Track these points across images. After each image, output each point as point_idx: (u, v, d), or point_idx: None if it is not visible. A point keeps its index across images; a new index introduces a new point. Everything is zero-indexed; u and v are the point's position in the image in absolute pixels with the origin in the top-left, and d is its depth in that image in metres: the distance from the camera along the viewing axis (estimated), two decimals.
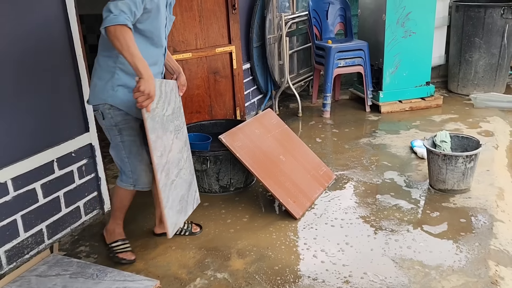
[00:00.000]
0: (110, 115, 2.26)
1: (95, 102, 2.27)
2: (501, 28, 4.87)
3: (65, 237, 2.71)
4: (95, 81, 2.27)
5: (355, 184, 3.27)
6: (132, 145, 2.34)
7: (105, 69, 2.23)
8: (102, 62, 2.24)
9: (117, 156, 2.40)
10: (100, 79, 2.24)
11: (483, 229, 2.64)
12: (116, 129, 2.30)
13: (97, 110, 2.30)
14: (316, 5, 4.92)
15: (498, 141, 3.89)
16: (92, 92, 2.29)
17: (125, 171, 2.40)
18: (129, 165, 2.38)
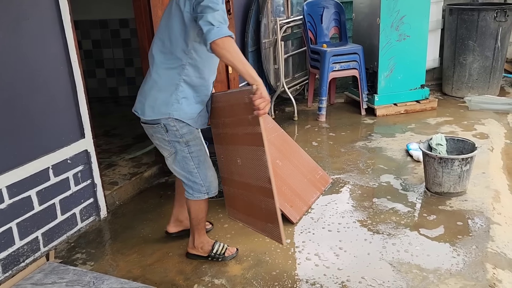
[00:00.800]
0: (175, 128, 2.19)
1: (156, 116, 2.17)
2: (495, 31, 4.91)
3: (61, 244, 2.69)
4: (155, 94, 2.17)
5: (352, 188, 3.27)
6: (200, 155, 2.30)
7: (169, 82, 2.15)
8: (164, 74, 2.15)
9: (184, 168, 2.30)
10: (161, 91, 2.16)
11: (480, 232, 2.65)
12: (183, 142, 2.24)
13: (158, 123, 2.20)
14: (311, 9, 4.93)
15: (493, 143, 3.91)
16: (152, 106, 2.17)
17: (195, 181, 2.32)
18: (199, 175, 2.31)
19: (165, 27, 2.15)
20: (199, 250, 2.51)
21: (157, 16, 3.24)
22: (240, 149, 2.24)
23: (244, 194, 2.34)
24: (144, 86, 2.25)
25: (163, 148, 2.31)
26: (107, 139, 4.29)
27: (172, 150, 2.28)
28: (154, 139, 2.31)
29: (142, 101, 2.23)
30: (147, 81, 2.23)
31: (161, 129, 2.21)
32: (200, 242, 2.50)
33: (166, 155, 2.33)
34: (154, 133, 2.26)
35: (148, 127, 2.28)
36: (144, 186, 3.43)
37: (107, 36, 5.66)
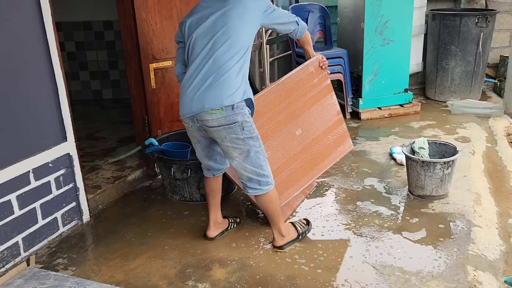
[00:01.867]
0: (250, 124, 2.33)
1: (240, 98, 2.27)
2: (476, 37, 4.99)
3: (42, 249, 2.65)
4: (235, 82, 2.27)
5: (336, 191, 3.29)
6: (264, 149, 2.44)
7: (240, 74, 2.30)
8: (236, 67, 2.29)
9: (255, 164, 2.39)
10: (235, 83, 2.28)
11: (461, 234, 2.68)
12: (255, 137, 2.36)
13: (235, 123, 2.27)
14: (296, 13, 4.88)
15: (475, 147, 3.97)
16: (232, 95, 2.26)
17: (264, 174, 2.42)
18: (266, 168, 2.43)
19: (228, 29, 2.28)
20: (288, 237, 2.59)
21: (141, 18, 3.23)
22: (301, 118, 2.80)
23: (303, 158, 2.81)
24: (212, 81, 2.27)
25: (235, 148, 2.35)
26: (91, 142, 4.24)
27: (246, 148, 2.34)
28: (225, 142, 2.35)
29: (224, 90, 2.26)
30: (215, 75, 2.27)
31: (237, 127, 2.29)
32: (286, 229, 2.60)
33: (236, 155, 2.37)
34: (229, 134, 2.31)
35: (221, 129, 2.30)
36: (128, 190, 3.40)
37: (91, 38, 5.61)
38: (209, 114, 2.27)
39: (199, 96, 2.29)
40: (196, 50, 2.35)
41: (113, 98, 5.79)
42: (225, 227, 2.78)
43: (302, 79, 2.81)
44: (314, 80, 2.83)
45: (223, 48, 2.28)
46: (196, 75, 2.32)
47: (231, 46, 2.28)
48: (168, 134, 3.46)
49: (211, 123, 2.30)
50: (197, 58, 2.34)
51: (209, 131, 2.36)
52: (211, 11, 2.33)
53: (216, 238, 2.72)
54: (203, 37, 2.33)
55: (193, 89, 2.32)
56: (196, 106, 2.30)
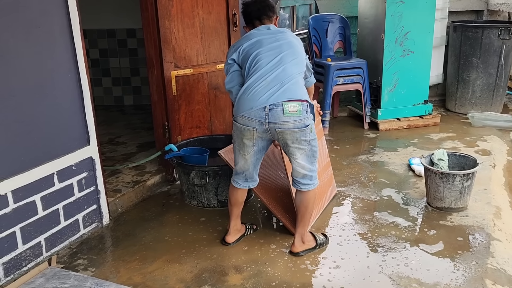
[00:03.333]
0: (313, 126, 2.50)
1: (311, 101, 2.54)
2: (498, 49, 4.94)
3: (63, 249, 2.72)
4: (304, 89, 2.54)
5: (353, 201, 3.28)
6: None
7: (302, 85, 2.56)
8: (302, 82, 2.58)
9: (311, 162, 2.54)
10: (304, 90, 2.55)
11: (480, 247, 2.65)
12: (316, 139, 2.54)
13: (308, 125, 2.44)
14: (316, 23, 4.99)
15: (495, 160, 3.92)
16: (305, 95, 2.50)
17: (315, 170, 2.58)
18: (316, 164, 2.59)
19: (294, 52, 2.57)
20: (307, 245, 2.66)
21: (164, 27, 3.30)
22: None
23: None
24: (291, 86, 2.46)
25: (300, 149, 2.48)
26: (111, 147, 4.32)
27: (308, 149, 2.49)
28: (295, 144, 2.46)
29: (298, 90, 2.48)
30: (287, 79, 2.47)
31: (308, 130, 2.45)
32: (307, 236, 2.68)
33: (299, 156, 2.50)
34: (301, 136, 2.44)
35: (296, 131, 2.42)
36: (147, 194, 3.46)
37: (114, 46, 5.73)
38: (287, 116, 2.39)
39: (275, 92, 2.43)
40: (263, 61, 2.51)
41: (134, 104, 5.89)
42: (242, 233, 2.82)
43: None
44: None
45: (292, 63, 2.52)
46: (264, 78, 2.47)
47: (297, 64, 2.55)
48: (187, 140, 3.51)
49: (288, 125, 2.41)
50: (265, 66, 2.50)
51: (282, 133, 2.44)
52: (271, 37, 2.59)
53: (234, 243, 2.75)
54: (270, 52, 2.53)
55: (264, 88, 2.45)
56: (274, 98, 2.41)
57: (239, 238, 2.78)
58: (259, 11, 2.70)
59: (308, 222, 2.67)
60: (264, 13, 2.70)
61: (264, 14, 2.70)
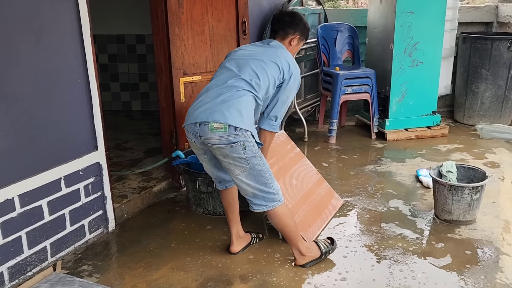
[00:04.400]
0: (252, 143, 2.34)
1: (245, 126, 2.30)
2: (508, 61, 4.92)
3: (68, 255, 2.71)
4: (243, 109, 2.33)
5: (360, 212, 3.26)
6: (269, 166, 2.46)
7: (250, 104, 2.38)
8: (247, 97, 2.37)
9: (259, 181, 2.40)
10: (248, 110, 2.36)
11: (488, 262, 2.62)
12: (259, 156, 2.38)
13: (237, 142, 2.30)
14: (325, 32, 4.99)
15: (504, 172, 3.88)
16: (243, 118, 2.32)
17: (269, 192, 2.43)
18: (272, 186, 2.44)
19: (264, 67, 2.43)
20: (310, 256, 2.58)
21: (174, 33, 3.31)
22: (291, 172, 3.13)
23: (308, 202, 3.05)
24: (232, 98, 2.34)
25: (237, 166, 2.37)
26: (118, 152, 4.33)
27: (248, 167, 2.36)
28: (227, 159, 2.37)
29: (229, 110, 2.30)
30: (235, 94, 2.35)
31: (239, 147, 2.31)
32: (306, 248, 2.58)
33: (239, 173, 2.39)
34: (231, 153, 2.33)
35: (223, 148, 2.33)
36: (153, 201, 3.45)
37: (123, 51, 5.77)
38: (212, 132, 2.30)
39: (208, 109, 2.35)
40: (220, 72, 2.50)
41: (141, 110, 5.91)
42: (248, 242, 2.79)
43: (279, 144, 3.24)
44: (288, 146, 3.33)
45: (247, 79, 2.40)
46: (207, 92, 2.43)
47: (257, 85, 2.40)
48: None
49: (214, 141, 2.32)
50: (217, 77, 2.48)
51: (211, 148, 2.41)
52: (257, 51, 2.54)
53: (239, 253, 2.73)
54: (235, 64, 2.48)
55: (203, 103, 2.39)
56: (205, 116, 2.33)
57: (245, 247, 2.76)
58: (278, 23, 2.61)
59: (295, 238, 2.54)
60: (280, 28, 2.60)
61: (280, 29, 2.60)
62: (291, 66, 2.49)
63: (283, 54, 2.53)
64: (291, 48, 2.64)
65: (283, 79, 2.47)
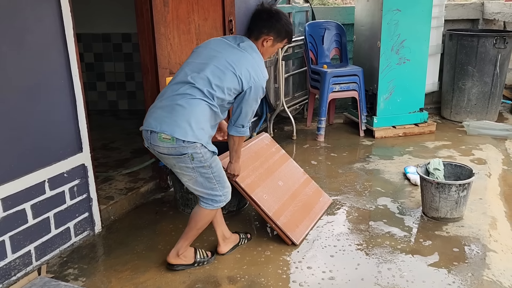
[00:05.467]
0: (201, 155, 2.30)
1: (192, 139, 2.24)
2: (494, 58, 4.95)
3: (53, 259, 2.67)
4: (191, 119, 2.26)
5: (348, 210, 3.26)
6: (221, 171, 2.45)
7: (203, 111, 2.30)
8: (199, 104, 2.28)
9: (206, 187, 2.41)
10: (198, 119, 2.28)
11: (476, 259, 2.63)
12: (207, 166, 2.35)
13: (184, 154, 2.27)
14: (312, 30, 4.98)
15: (491, 169, 3.91)
16: (191, 129, 2.25)
17: (216, 194, 2.44)
18: (219, 189, 2.45)
19: (220, 76, 2.32)
20: (182, 260, 2.57)
21: (159, 32, 3.27)
22: (277, 173, 3.14)
23: (295, 203, 3.05)
24: (182, 107, 2.26)
25: (184, 175, 2.37)
26: (105, 152, 4.28)
27: (195, 175, 2.36)
28: (174, 168, 2.38)
29: (177, 122, 2.24)
30: (185, 103, 2.27)
31: (187, 158, 2.29)
32: (184, 251, 2.57)
33: (186, 180, 2.40)
34: (178, 163, 2.32)
35: (170, 158, 2.31)
36: (140, 202, 3.41)
37: (109, 50, 5.70)
38: (160, 141, 2.27)
39: (159, 118, 2.28)
40: (177, 75, 2.42)
41: (128, 109, 5.85)
42: (236, 242, 2.77)
43: (263, 147, 3.27)
44: (272, 149, 3.32)
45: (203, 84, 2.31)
46: (162, 97, 2.37)
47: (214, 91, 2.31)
48: None
49: (162, 150, 2.30)
50: (174, 79, 2.40)
51: (159, 157, 2.40)
52: (220, 50, 2.42)
53: (228, 253, 2.71)
54: (195, 65, 2.40)
55: (157, 108, 2.33)
56: (155, 125, 2.28)
57: (233, 248, 2.74)
58: (254, 22, 2.47)
59: (191, 239, 2.54)
60: (255, 26, 2.45)
61: (255, 29, 2.45)
62: (252, 77, 2.34)
63: (247, 60, 2.37)
64: (264, 49, 2.49)
65: (241, 89, 2.35)
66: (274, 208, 2.87)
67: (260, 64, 2.42)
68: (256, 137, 3.37)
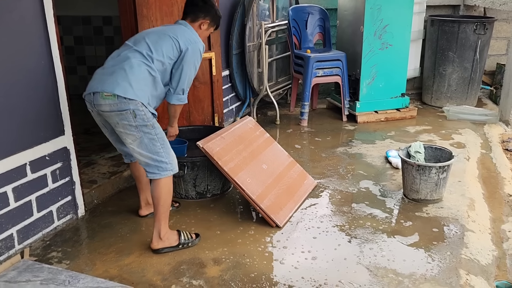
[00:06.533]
0: (143, 112, 2.39)
1: (132, 96, 2.35)
2: (474, 43, 5.03)
3: (36, 242, 2.65)
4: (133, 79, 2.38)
5: (331, 193, 3.30)
6: (163, 136, 2.52)
7: (143, 75, 2.43)
8: (142, 68, 2.42)
9: (150, 150, 2.46)
10: (139, 80, 2.40)
11: (454, 238, 2.71)
12: (150, 125, 2.43)
13: (126, 110, 2.35)
14: (296, 15, 4.97)
15: (470, 152, 4.00)
16: (132, 87, 2.36)
17: (161, 160, 2.49)
18: (164, 154, 2.50)
19: (157, 40, 2.49)
20: (166, 242, 2.59)
21: (141, 14, 3.23)
22: (261, 157, 3.17)
23: (280, 186, 3.07)
24: (122, 69, 2.40)
25: (128, 134, 2.44)
26: (87, 137, 4.23)
27: (139, 135, 2.43)
28: (118, 127, 2.44)
29: (118, 81, 2.36)
30: (126, 65, 2.41)
31: (129, 115, 2.37)
32: (166, 233, 2.59)
33: (130, 141, 2.46)
34: (121, 120, 2.39)
35: (114, 115, 2.39)
36: (123, 185, 3.40)
37: (89, 33, 5.59)
38: (102, 99, 2.37)
39: (102, 80, 2.42)
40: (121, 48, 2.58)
41: None
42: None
43: (246, 131, 3.30)
44: (256, 132, 3.35)
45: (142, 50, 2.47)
46: (106, 63, 2.52)
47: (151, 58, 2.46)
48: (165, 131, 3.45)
49: (104, 108, 2.40)
50: (117, 51, 2.57)
51: (104, 116, 2.47)
52: (160, 30, 2.62)
53: (148, 216, 2.92)
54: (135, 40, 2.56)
55: (100, 73, 2.47)
56: (100, 86, 2.39)
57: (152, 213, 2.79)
58: (190, 6, 2.64)
59: (164, 217, 2.55)
60: (191, 11, 2.64)
61: (191, 12, 2.64)
62: (188, 39, 2.52)
63: (182, 29, 2.57)
64: (201, 31, 2.66)
65: (179, 51, 2.50)
66: (257, 191, 2.89)
67: (195, 34, 2.59)
68: (239, 121, 3.38)
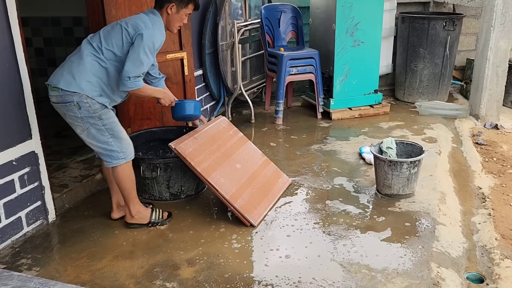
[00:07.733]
0: (88, 104, 2.47)
1: (73, 89, 2.44)
2: (444, 40, 5.12)
3: (5, 249, 2.58)
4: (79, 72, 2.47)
5: (306, 190, 3.32)
6: (114, 126, 2.58)
7: (93, 69, 2.50)
8: (91, 61, 2.50)
9: (99, 140, 2.55)
10: (87, 73, 2.48)
11: (426, 232, 2.75)
12: (96, 117, 2.51)
13: (70, 102, 2.44)
14: (269, 13, 4.98)
15: (441, 147, 4.07)
16: (74, 80, 2.46)
17: (112, 150, 2.59)
18: (114, 144, 2.58)
19: (109, 30, 2.57)
20: (137, 219, 2.79)
21: (110, 15, 3.18)
22: (234, 157, 3.17)
23: (254, 185, 3.07)
24: (70, 61, 2.53)
25: (76, 125, 2.54)
26: (58, 140, 4.15)
27: (85, 126, 2.52)
28: (67, 118, 2.54)
29: (63, 73, 2.48)
30: (75, 57, 2.52)
31: (73, 107, 2.47)
32: (137, 211, 2.78)
33: (79, 131, 2.56)
34: (67, 111, 2.49)
35: (60, 106, 2.50)
36: (96, 189, 3.34)
37: (59, 34, 5.48)
38: (51, 91, 2.50)
39: (55, 72, 2.55)
40: None
41: None
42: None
43: (220, 131, 3.30)
44: (229, 132, 3.36)
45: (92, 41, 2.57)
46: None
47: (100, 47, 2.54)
48: (138, 133, 3.42)
49: (52, 99, 2.52)
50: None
51: (55, 107, 2.55)
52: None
53: (119, 220, 2.90)
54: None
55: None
56: (51, 78, 2.53)
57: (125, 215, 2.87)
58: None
59: (129, 199, 2.73)
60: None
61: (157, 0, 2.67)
62: (141, 26, 2.51)
63: (140, 17, 2.59)
64: (171, 16, 2.65)
65: (131, 38, 2.52)
66: (231, 191, 2.89)
67: (154, 20, 2.58)
68: (212, 121, 3.36)
